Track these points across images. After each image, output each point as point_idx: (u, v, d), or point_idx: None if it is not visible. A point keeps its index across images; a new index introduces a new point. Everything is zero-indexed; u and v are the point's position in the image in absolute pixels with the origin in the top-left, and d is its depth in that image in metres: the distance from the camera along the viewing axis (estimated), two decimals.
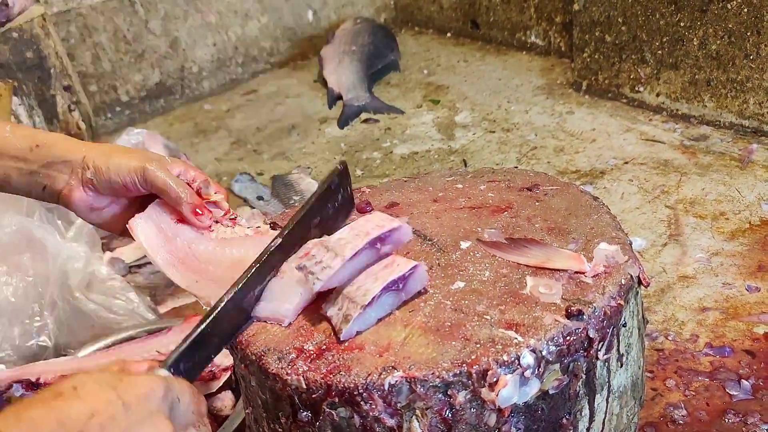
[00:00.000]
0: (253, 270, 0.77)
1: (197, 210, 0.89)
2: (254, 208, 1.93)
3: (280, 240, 0.80)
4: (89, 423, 0.55)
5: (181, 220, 0.90)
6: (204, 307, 0.80)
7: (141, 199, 0.92)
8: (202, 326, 0.72)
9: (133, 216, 0.90)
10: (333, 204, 0.90)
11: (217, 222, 0.91)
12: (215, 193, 0.93)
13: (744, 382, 1.15)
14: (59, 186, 0.89)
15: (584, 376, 0.75)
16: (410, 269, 0.77)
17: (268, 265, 0.79)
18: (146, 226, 0.89)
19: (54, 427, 0.54)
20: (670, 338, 1.27)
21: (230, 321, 0.76)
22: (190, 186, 0.91)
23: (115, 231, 0.95)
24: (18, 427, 0.53)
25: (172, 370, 0.67)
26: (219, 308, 0.74)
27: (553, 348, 0.71)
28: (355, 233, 0.78)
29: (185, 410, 0.64)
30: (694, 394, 1.15)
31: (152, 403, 0.60)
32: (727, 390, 1.14)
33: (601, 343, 0.75)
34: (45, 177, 0.89)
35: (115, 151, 0.90)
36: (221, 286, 0.77)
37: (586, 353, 0.74)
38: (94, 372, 0.61)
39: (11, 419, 0.54)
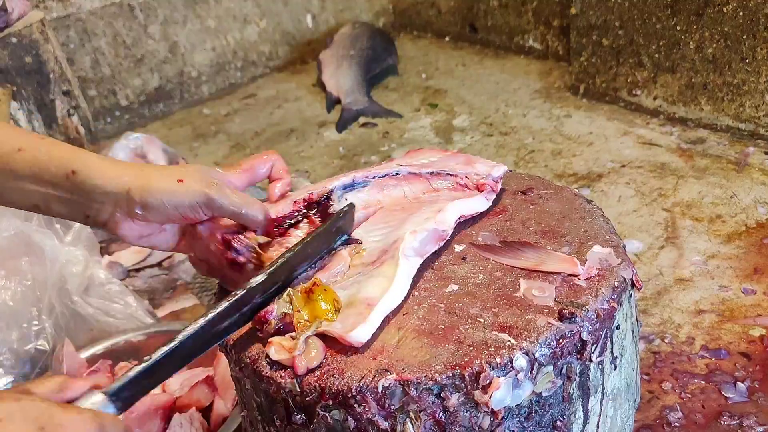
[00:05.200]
0: (223, 306, 0.74)
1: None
2: None
3: (261, 280, 0.77)
4: None
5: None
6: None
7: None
8: (158, 355, 0.69)
9: (186, 233, 0.87)
10: (327, 245, 0.87)
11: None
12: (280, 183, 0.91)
13: (739, 384, 1.15)
14: (103, 218, 0.81)
15: (578, 379, 0.76)
16: None
17: (241, 302, 0.76)
18: None
19: None
20: (666, 341, 1.27)
21: (188, 352, 0.72)
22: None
23: (166, 249, 0.89)
24: None
25: (111, 396, 0.65)
26: (180, 340, 0.70)
27: (546, 350, 0.71)
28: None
29: None
30: (689, 396, 1.15)
31: None
32: (723, 392, 1.15)
33: (595, 345, 0.75)
34: (86, 207, 0.80)
35: (163, 180, 0.80)
36: None
37: (579, 356, 0.74)
38: (26, 400, 0.58)
39: None
